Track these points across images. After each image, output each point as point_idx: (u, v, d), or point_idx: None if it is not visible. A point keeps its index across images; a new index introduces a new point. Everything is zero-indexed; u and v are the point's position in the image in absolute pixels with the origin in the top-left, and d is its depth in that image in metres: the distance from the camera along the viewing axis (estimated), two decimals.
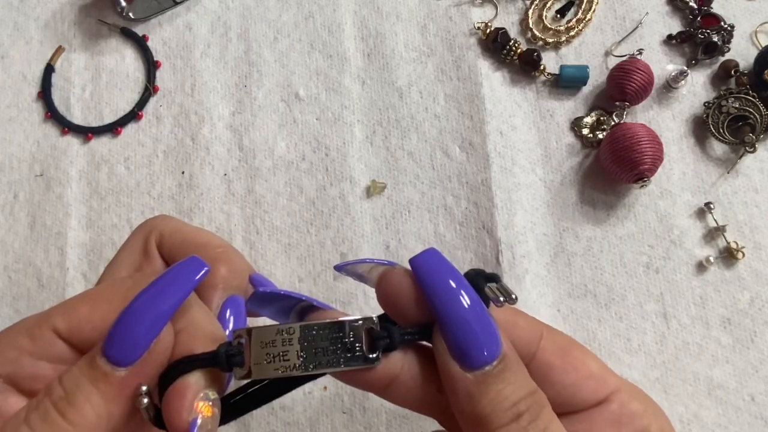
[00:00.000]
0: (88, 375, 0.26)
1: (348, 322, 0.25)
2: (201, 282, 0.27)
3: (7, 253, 0.49)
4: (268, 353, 0.25)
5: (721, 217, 0.46)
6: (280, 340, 0.25)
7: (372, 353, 0.25)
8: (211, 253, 0.33)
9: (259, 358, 0.25)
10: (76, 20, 0.55)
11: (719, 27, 0.49)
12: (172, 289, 0.26)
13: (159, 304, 0.26)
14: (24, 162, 0.51)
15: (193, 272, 0.27)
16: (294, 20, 0.53)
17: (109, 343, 0.26)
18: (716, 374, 0.43)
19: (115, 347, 0.26)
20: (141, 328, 0.25)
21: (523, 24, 0.52)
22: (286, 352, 0.25)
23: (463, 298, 0.26)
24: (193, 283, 0.27)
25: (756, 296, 0.44)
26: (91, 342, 0.27)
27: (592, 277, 0.46)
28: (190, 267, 0.27)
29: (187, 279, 0.27)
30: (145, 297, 0.26)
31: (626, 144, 0.44)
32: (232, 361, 0.25)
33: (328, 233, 0.47)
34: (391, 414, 0.43)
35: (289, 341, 0.25)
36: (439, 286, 0.26)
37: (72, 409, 0.25)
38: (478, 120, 0.49)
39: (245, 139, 0.50)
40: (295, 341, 0.25)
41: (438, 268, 0.26)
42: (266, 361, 0.25)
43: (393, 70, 0.51)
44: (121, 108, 0.52)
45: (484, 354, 0.25)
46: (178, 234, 0.35)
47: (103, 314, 0.27)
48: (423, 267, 0.26)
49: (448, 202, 0.48)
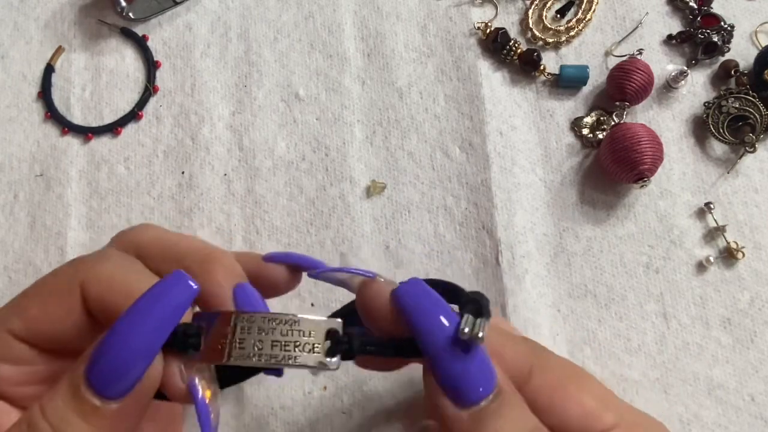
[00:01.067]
0: (76, 409, 0.24)
1: (308, 320, 0.25)
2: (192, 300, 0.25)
3: (7, 253, 0.49)
4: (224, 340, 0.25)
5: (721, 217, 0.46)
6: (239, 329, 0.25)
7: (330, 357, 0.25)
8: (198, 259, 0.30)
9: (215, 344, 0.25)
10: (76, 20, 0.55)
11: (719, 27, 0.49)
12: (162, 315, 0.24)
13: (148, 336, 0.24)
14: (24, 162, 0.51)
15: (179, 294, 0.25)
16: (294, 20, 0.53)
17: (94, 376, 0.24)
18: (716, 374, 0.43)
19: (103, 382, 0.24)
20: (131, 364, 0.24)
21: (523, 24, 0.52)
22: (243, 340, 0.25)
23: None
24: (182, 309, 0.25)
25: (756, 296, 0.44)
26: (46, 336, 0.27)
27: (592, 277, 0.46)
28: (175, 287, 0.25)
29: (176, 304, 0.24)
30: (130, 325, 0.24)
31: (626, 144, 0.44)
32: (188, 342, 0.25)
33: (328, 233, 0.47)
34: (391, 414, 0.43)
35: (248, 330, 0.25)
36: (426, 323, 0.24)
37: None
38: (477, 120, 0.49)
39: (245, 139, 0.50)
40: (254, 331, 0.25)
41: (422, 301, 0.25)
42: (220, 347, 0.25)
43: (393, 70, 0.51)
44: (121, 108, 0.52)
45: (479, 390, 0.24)
46: (157, 243, 0.31)
47: (52, 309, 0.27)
48: (407, 300, 0.25)
49: (448, 203, 0.48)
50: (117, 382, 0.24)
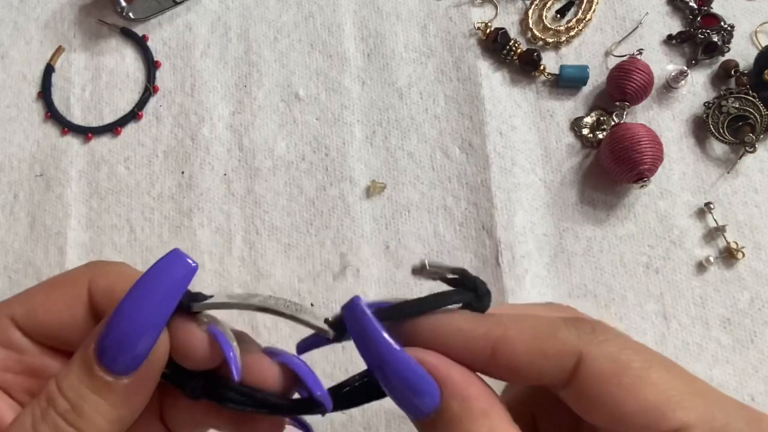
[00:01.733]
0: (90, 385, 0.25)
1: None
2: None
3: (7, 253, 0.49)
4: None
5: (721, 217, 0.46)
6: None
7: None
8: None
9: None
10: (76, 20, 0.55)
11: (719, 27, 0.49)
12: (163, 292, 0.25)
13: (152, 311, 0.25)
14: (24, 162, 0.51)
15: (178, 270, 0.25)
16: (294, 20, 0.53)
17: (104, 353, 0.25)
18: (716, 374, 0.43)
19: (113, 360, 0.25)
20: (138, 340, 0.25)
21: (523, 24, 0.52)
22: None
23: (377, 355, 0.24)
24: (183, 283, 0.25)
25: (756, 296, 0.44)
26: (44, 327, 0.27)
27: (592, 277, 0.46)
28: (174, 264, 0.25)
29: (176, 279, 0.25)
30: (135, 301, 0.25)
31: (626, 144, 0.44)
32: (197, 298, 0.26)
33: (328, 233, 0.47)
34: (390, 414, 0.43)
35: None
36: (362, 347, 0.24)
37: (83, 421, 0.25)
38: (477, 120, 0.49)
39: (245, 139, 0.50)
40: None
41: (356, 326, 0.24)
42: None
43: (393, 70, 0.51)
44: (121, 108, 0.52)
45: (421, 410, 0.24)
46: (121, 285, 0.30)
47: (55, 299, 0.27)
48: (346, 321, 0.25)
49: (447, 203, 0.48)
50: (126, 358, 0.25)
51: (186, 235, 0.48)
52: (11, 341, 0.28)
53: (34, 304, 0.28)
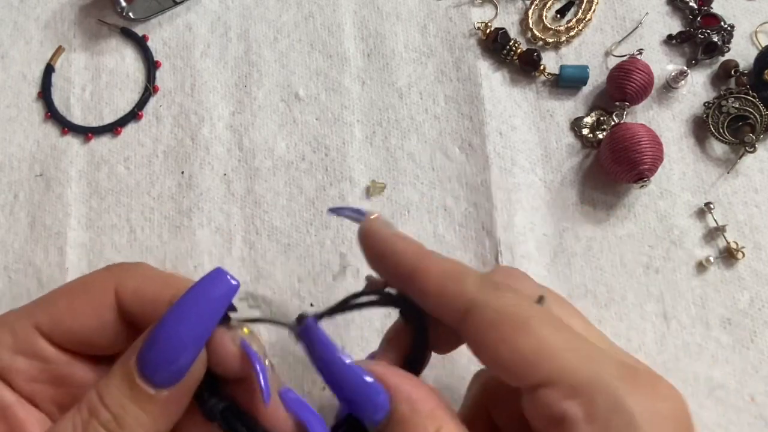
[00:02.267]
0: (132, 397, 0.26)
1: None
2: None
3: (7, 253, 0.49)
4: None
5: (721, 217, 0.46)
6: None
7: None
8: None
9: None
10: (76, 20, 0.55)
11: (719, 27, 0.49)
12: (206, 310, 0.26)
13: (195, 327, 0.26)
14: (24, 162, 0.51)
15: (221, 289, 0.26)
16: (294, 20, 0.53)
17: (146, 366, 0.26)
18: (716, 374, 0.43)
19: (155, 373, 0.26)
20: (181, 354, 0.26)
21: (523, 24, 0.52)
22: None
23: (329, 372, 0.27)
24: (225, 302, 0.27)
25: (756, 296, 0.44)
26: (70, 334, 0.28)
27: (592, 277, 0.45)
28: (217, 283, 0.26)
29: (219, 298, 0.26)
30: (179, 318, 0.26)
31: (626, 144, 0.44)
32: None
33: (328, 233, 0.47)
34: None
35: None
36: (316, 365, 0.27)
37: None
38: (477, 121, 0.49)
39: (245, 139, 0.50)
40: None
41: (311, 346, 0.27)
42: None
43: (393, 70, 0.51)
44: (121, 108, 0.52)
45: (374, 416, 0.26)
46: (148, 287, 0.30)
47: (81, 306, 0.28)
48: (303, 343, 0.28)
49: (447, 203, 0.48)
50: (168, 372, 0.26)
51: (186, 235, 0.48)
52: (37, 351, 0.28)
53: (59, 310, 0.28)
